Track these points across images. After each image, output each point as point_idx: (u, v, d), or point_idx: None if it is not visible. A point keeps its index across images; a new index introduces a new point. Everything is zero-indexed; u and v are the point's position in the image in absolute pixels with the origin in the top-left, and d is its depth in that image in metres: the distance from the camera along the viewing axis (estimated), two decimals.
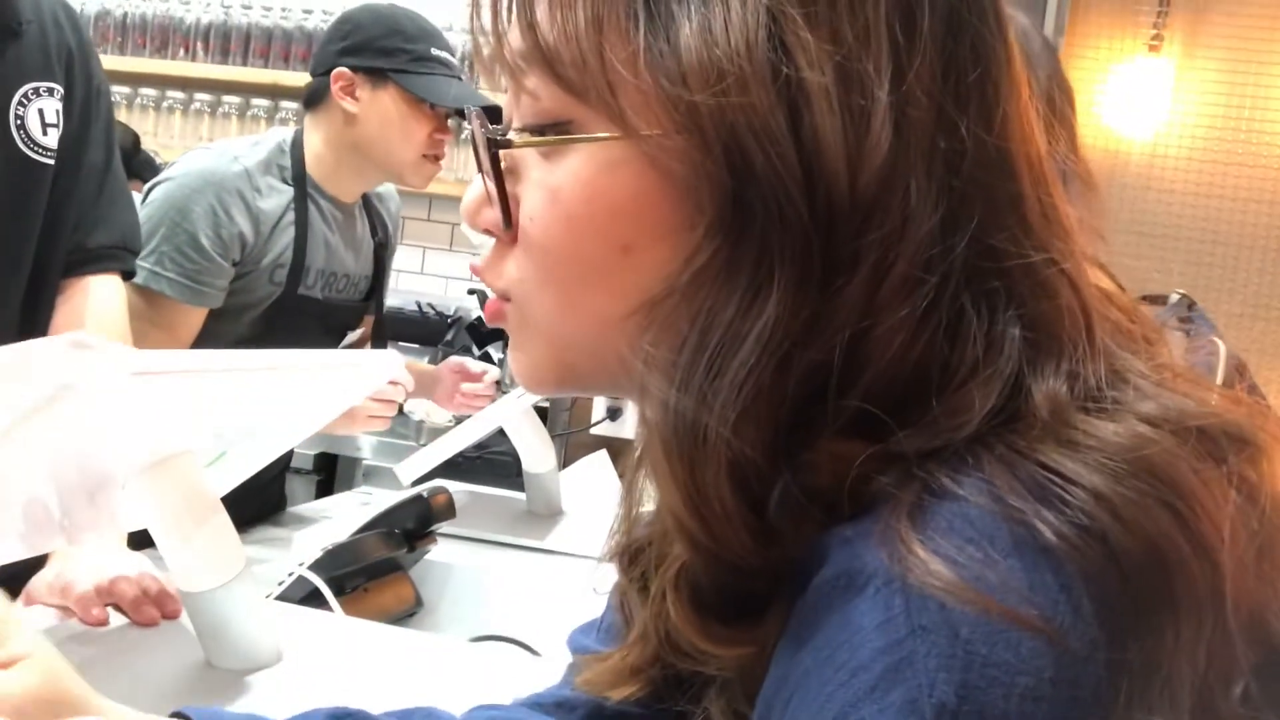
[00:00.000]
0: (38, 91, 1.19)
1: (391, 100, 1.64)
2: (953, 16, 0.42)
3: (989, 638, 0.34)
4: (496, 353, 2.62)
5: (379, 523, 1.33)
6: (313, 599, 1.14)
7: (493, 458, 2.33)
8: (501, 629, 1.24)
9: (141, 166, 2.59)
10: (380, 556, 1.29)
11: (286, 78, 3.06)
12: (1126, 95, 2.74)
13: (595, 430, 2.33)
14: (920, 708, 0.33)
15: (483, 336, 2.69)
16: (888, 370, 0.40)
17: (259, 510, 1.73)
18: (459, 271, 3.15)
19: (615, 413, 2.32)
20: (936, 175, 0.41)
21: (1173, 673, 0.35)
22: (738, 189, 0.40)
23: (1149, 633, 0.35)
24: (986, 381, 0.40)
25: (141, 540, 0.96)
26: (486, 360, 2.40)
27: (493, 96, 0.46)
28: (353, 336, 1.86)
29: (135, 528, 0.95)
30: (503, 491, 1.87)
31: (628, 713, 0.58)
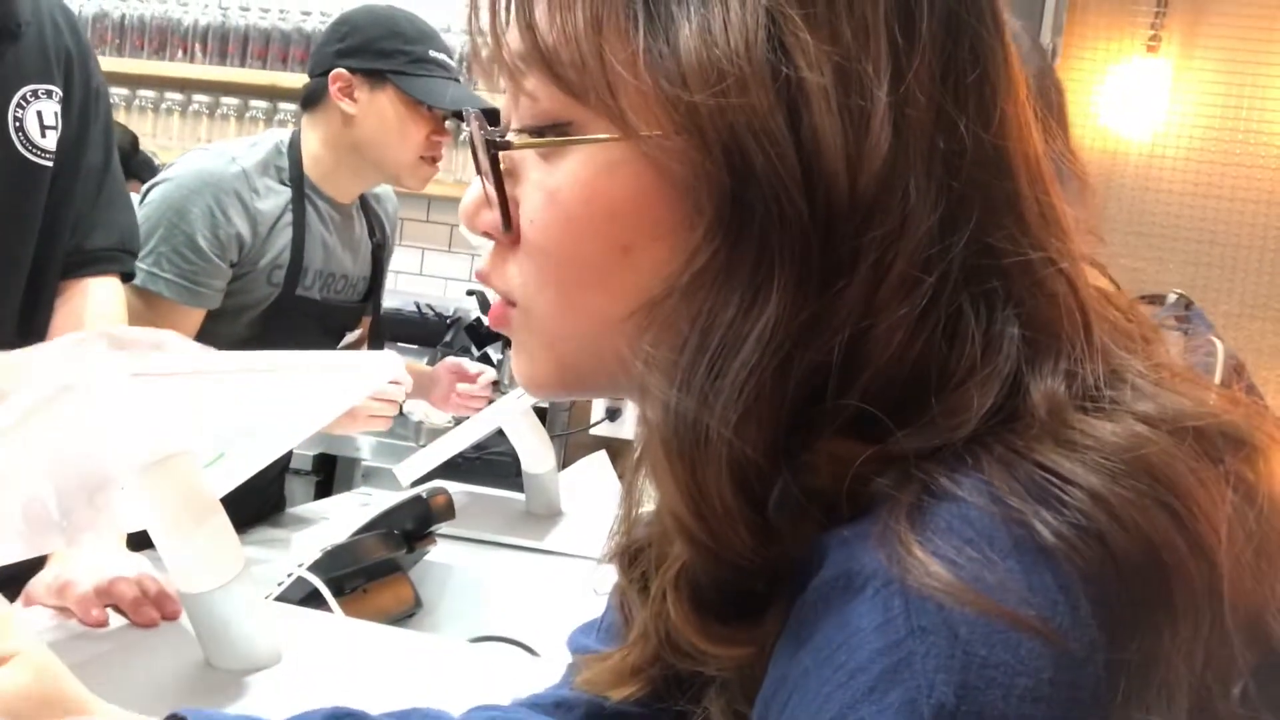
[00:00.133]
0: (36, 94, 1.19)
1: (389, 102, 1.64)
2: (951, 18, 0.42)
3: (988, 639, 0.34)
4: (495, 354, 2.62)
5: (378, 524, 1.33)
6: (312, 600, 1.14)
7: (492, 458, 2.33)
8: (500, 630, 1.24)
9: (140, 167, 2.58)
10: (379, 557, 1.29)
11: (284, 79, 3.06)
12: (1124, 96, 2.74)
13: (594, 431, 2.33)
14: (919, 709, 0.33)
15: (482, 337, 2.69)
16: (886, 370, 0.40)
17: (258, 511, 1.73)
18: (458, 273, 3.15)
19: (614, 413, 2.32)
20: (935, 175, 0.41)
21: (1170, 673, 0.35)
22: (737, 189, 0.40)
23: (1147, 633, 0.35)
24: (985, 381, 0.40)
25: (141, 541, 0.96)
26: (485, 361, 2.40)
27: (491, 98, 0.46)
28: (350, 337, 1.86)
29: (134, 529, 0.95)
30: (502, 492, 1.87)
31: (627, 713, 0.58)
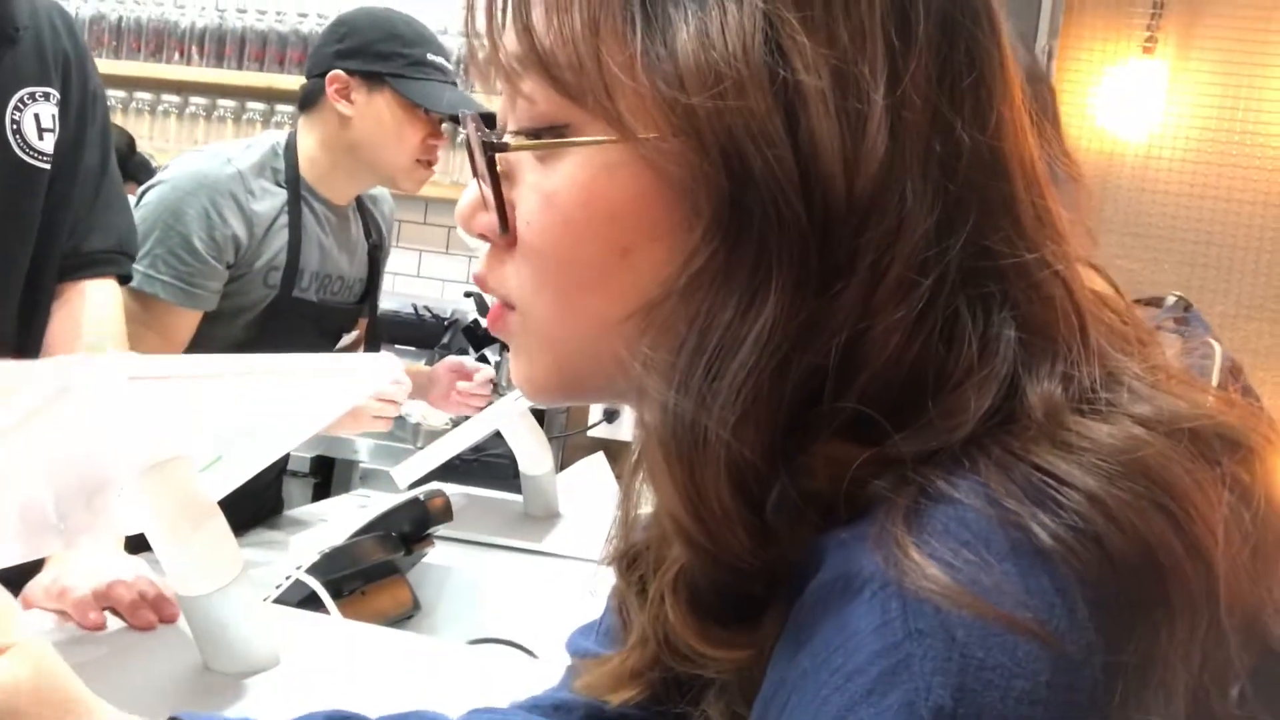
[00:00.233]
0: (34, 96, 1.19)
1: (386, 104, 1.64)
2: (947, 20, 0.42)
3: (985, 641, 0.34)
4: (493, 356, 2.62)
5: (376, 526, 1.33)
6: (310, 602, 1.14)
7: (490, 460, 2.33)
8: (499, 632, 1.24)
9: (137, 169, 2.58)
10: (377, 559, 1.29)
11: (281, 81, 3.06)
12: (1120, 97, 2.74)
13: (592, 433, 2.33)
14: (917, 711, 0.33)
15: (479, 339, 2.69)
16: (884, 372, 0.40)
17: (256, 514, 1.73)
18: (455, 274, 3.15)
19: (612, 415, 2.32)
20: (932, 178, 0.41)
21: (1168, 674, 0.35)
22: (735, 192, 0.40)
23: (1144, 634, 0.35)
24: (982, 383, 0.40)
25: (139, 544, 0.96)
26: (483, 363, 2.39)
27: (488, 101, 0.46)
28: (347, 339, 1.86)
29: (132, 532, 0.95)
30: (500, 494, 1.87)
31: (627, 716, 0.58)
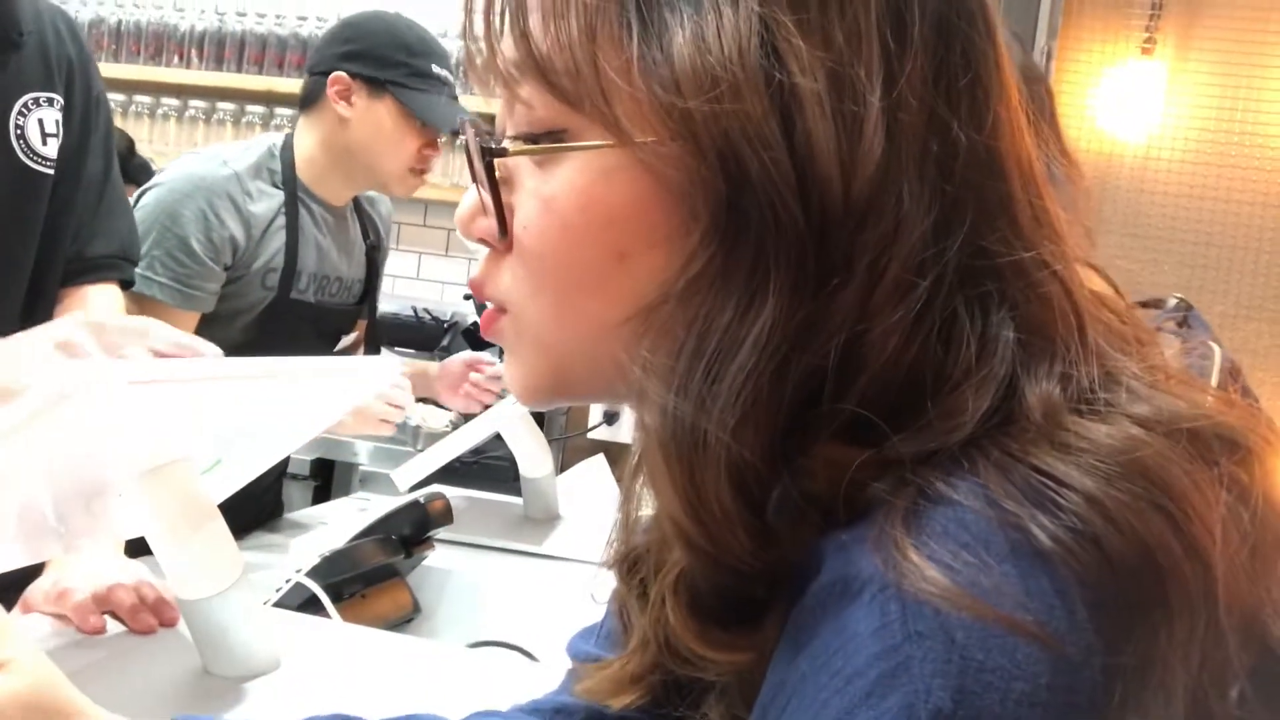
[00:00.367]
0: (38, 101, 1.19)
1: (387, 112, 1.64)
2: (943, 22, 0.42)
3: (984, 643, 0.34)
4: (490, 358, 2.62)
5: (376, 529, 1.33)
6: (310, 606, 1.14)
7: (490, 463, 2.33)
8: (499, 634, 1.24)
9: (137, 171, 2.58)
10: (377, 563, 1.29)
11: (281, 84, 3.06)
12: (1119, 98, 2.74)
13: (592, 435, 2.33)
14: (916, 713, 0.33)
15: (478, 342, 2.68)
16: (882, 374, 0.40)
17: (256, 517, 1.73)
18: (455, 276, 3.15)
19: (612, 417, 2.32)
20: (929, 179, 0.41)
21: (1167, 675, 0.35)
22: (732, 195, 0.40)
23: (1143, 636, 0.35)
24: (980, 384, 0.40)
25: (139, 548, 0.96)
26: None
27: (487, 106, 0.46)
28: (346, 341, 1.86)
29: (132, 535, 0.95)
30: (500, 496, 1.87)
31: (627, 719, 0.58)
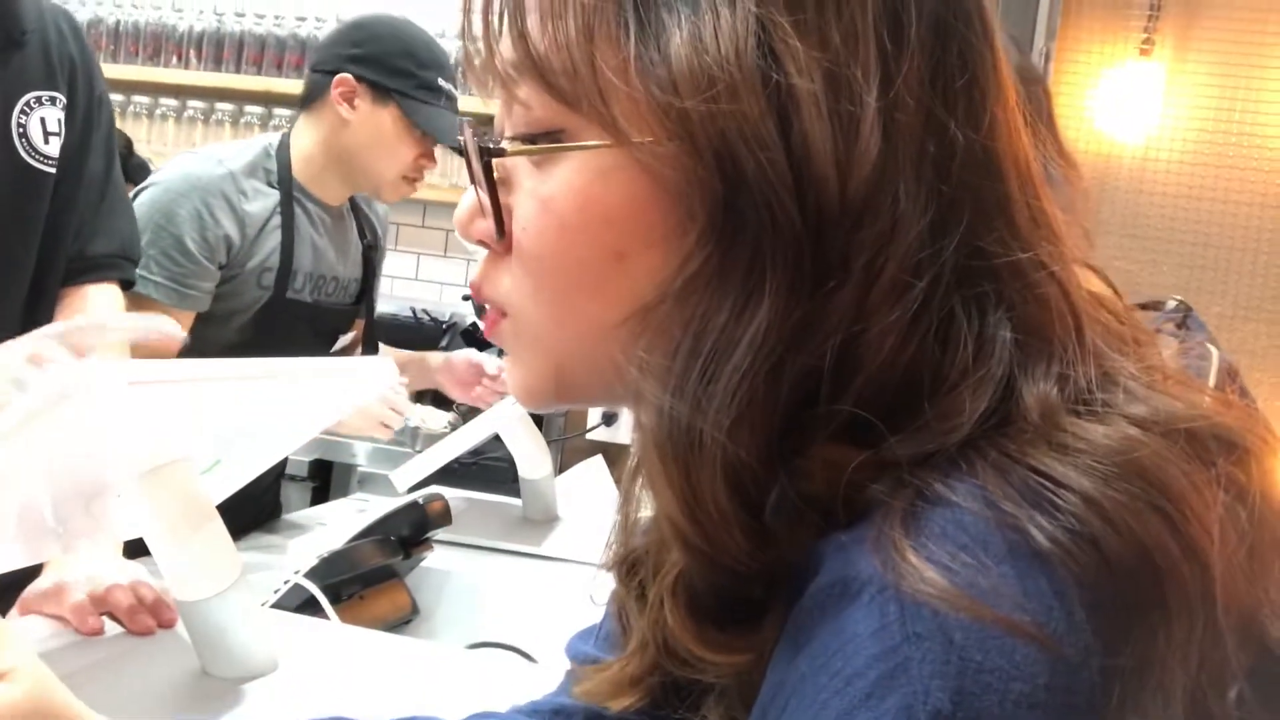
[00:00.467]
0: (40, 100, 1.19)
1: (389, 119, 1.65)
2: (939, 23, 0.42)
3: (983, 644, 0.34)
4: (493, 358, 2.62)
5: (374, 530, 1.33)
6: (308, 607, 1.14)
7: (488, 464, 2.33)
8: (498, 636, 1.24)
9: (135, 171, 2.58)
10: (376, 564, 1.29)
11: (279, 85, 3.06)
12: (1118, 99, 2.74)
13: (591, 436, 2.33)
14: (915, 714, 0.33)
15: (477, 342, 2.69)
16: (879, 374, 0.40)
17: (254, 518, 1.73)
18: (453, 277, 3.15)
19: (611, 418, 2.32)
20: (925, 179, 0.41)
21: (1165, 676, 0.35)
22: (729, 195, 0.40)
23: (1141, 636, 0.35)
24: (978, 384, 0.40)
25: (137, 549, 0.96)
26: None
27: (484, 108, 0.46)
28: (344, 340, 1.85)
29: (131, 536, 0.95)
30: (499, 498, 1.86)
31: None
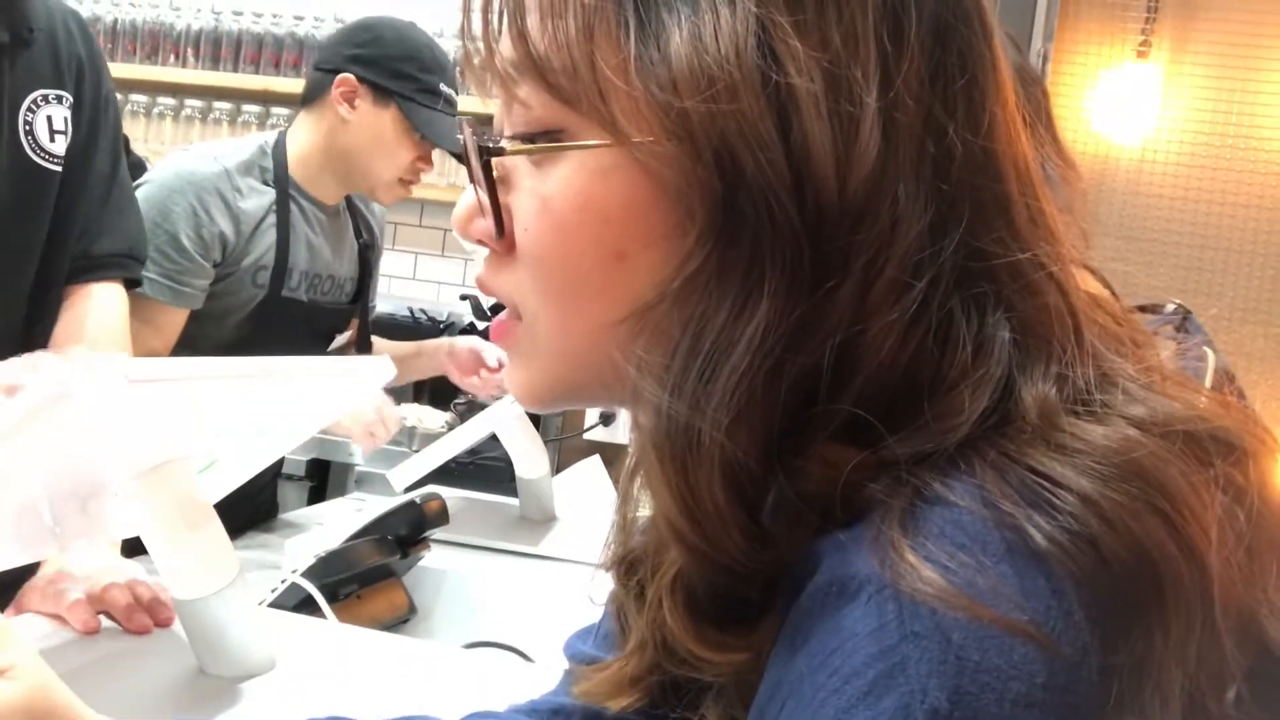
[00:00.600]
0: (46, 99, 1.20)
1: (389, 121, 1.65)
2: (939, 24, 0.42)
3: (981, 644, 0.34)
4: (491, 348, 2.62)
5: (372, 529, 1.33)
6: (306, 606, 1.13)
7: (486, 463, 2.33)
8: (495, 635, 1.24)
9: (131, 169, 2.57)
10: (373, 563, 1.29)
11: (277, 84, 3.06)
12: (1115, 101, 2.74)
13: (588, 435, 2.33)
14: (913, 714, 0.33)
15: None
16: (878, 374, 0.40)
17: (251, 517, 1.72)
18: (451, 277, 3.15)
19: (608, 418, 2.32)
20: (925, 179, 0.41)
21: (1164, 676, 0.36)
22: (728, 195, 0.40)
23: (1139, 636, 0.35)
24: (977, 384, 0.40)
25: (134, 548, 0.95)
26: None
27: (483, 108, 0.46)
28: (341, 340, 1.85)
29: (128, 535, 0.95)
30: (496, 497, 1.86)
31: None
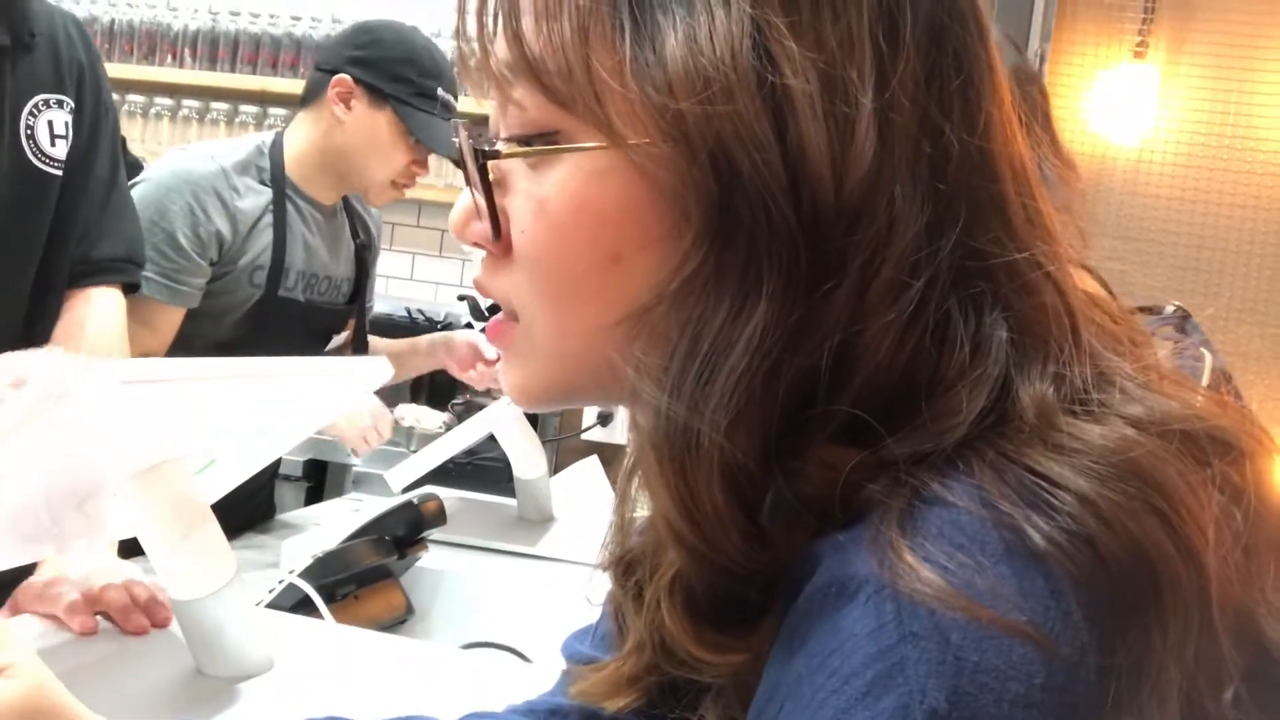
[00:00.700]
0: (48, 103, 1.20)
1: (385, 123, 1.65)
2: (935, 24, 0.42)
3: (979, 644, 0.34)
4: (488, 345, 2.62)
5: (369, 530, 1.33)
6: (303, 607, 1.13)
7: (483, 464, 2.33)
8: (493, 636, 1.24)
9: (129, 169, 2.57)
10: (371, 564, 1.29)
11: (274, 84, 3.06)
12: (1112, 101, 2.75)
13: (586, 436, 2.33)
14: (911, 714, 0.33)
15: None
16: (876, 375, 0.40)
17: (248, 518, 1.72)
18: (448, 277, 3.15)
19: (606, 418, 2.32)
20: (921, 179, 0.41)
21: (1162, 676, 0.36)
22: (724, 196, 0.40)
23: (1137, 636, 0.35)
24: (974, 384, 0.40)
25: (131, 549, 0.95)
26: None
27: (479, 107, 0.46)
28: (338, 340, 1.85)
29: (125, 535, 0.95)
30: (494, 498, 1.86)
31: None
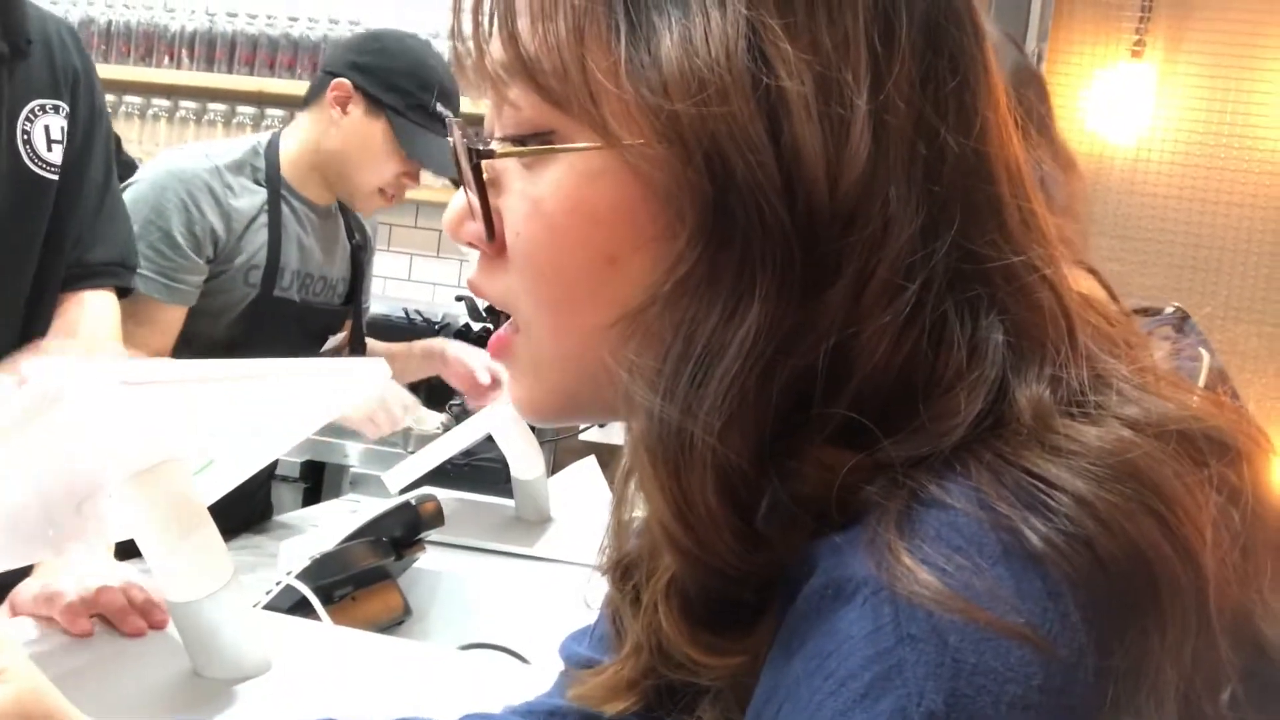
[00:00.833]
0: (44, 109, 1.22)
1: (379, 133, 1.65)
2: (931, 26, 0.42)
3: (977, 646, 0.34)
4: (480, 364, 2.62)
5: (367, 531, 1.33)
6: (300, 608, 1.13)
7: (481, 464, 2.32)
8: (491, 637, 1.24)
9: (122, 169, 2.57)
10: (368, 565, 1.29)
11: (272, 85, 3.05)
12: (1109, 101, 2.75)
13: (584, 436, 2.33)
14: (909, 716, 0.33)
15: (470, 343, 2.68)
16: (872, 377, 0.40)
17: (245, 519, 1.72)
18: (446, 278, 3.14)
19: None
20: (916, 182, 0.41)
21: (1159, 677, 0.36)
22: (719, 198, 0.40)
23: (1135, 637, 0.35)
24: (971, 387, 0.40)
25: (128, 551, 0.95)
26: None
27: (475, 106, 0.46)
28: (334, 341, 1.85)
29: (122, 537, 0.95)
30: (491, 498, 1.86)
31: None
